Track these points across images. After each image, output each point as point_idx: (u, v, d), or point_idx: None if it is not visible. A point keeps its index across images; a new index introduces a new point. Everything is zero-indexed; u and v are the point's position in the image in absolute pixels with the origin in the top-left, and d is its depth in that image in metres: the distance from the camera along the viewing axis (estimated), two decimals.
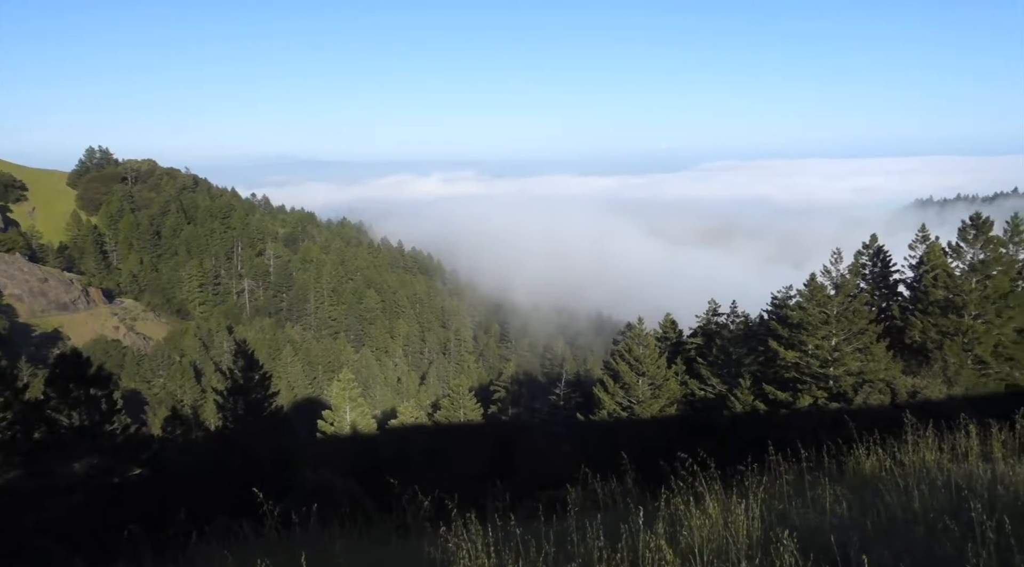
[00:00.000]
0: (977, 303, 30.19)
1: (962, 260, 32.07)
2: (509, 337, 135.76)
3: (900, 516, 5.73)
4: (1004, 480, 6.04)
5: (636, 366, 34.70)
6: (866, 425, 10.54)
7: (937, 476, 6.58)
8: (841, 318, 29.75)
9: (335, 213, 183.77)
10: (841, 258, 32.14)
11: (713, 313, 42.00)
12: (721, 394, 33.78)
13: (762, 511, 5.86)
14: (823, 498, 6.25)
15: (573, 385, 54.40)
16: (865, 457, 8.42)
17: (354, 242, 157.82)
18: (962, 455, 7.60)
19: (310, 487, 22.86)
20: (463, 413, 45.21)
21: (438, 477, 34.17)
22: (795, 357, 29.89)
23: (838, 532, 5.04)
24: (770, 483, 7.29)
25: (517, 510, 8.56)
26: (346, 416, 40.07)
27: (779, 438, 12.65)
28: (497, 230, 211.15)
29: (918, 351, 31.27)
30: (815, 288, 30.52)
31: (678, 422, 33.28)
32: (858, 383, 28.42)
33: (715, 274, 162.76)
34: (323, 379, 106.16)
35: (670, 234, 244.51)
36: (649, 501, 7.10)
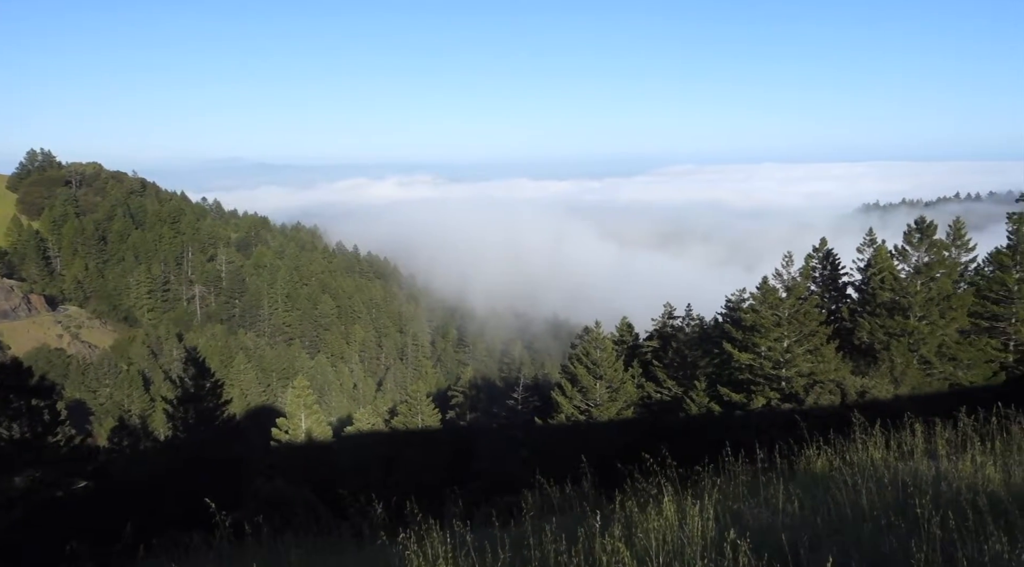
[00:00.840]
0: (922, 305, 31.09)
1: (907, 263, 33.01)
2: (467, 342, 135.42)
3: (849, 513, 5.85)
4: (948, 477, 6.23)
5: (593, 369, 34.88)
6: (817, 425, 10.78)
7: (884, 474, 6.74)
8: (793, 320, 30.37)
9: (289, 217, 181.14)
10: (792, 261, 32.79)
11: (668, 316, 42.52)
12: (677, 396, 34.20)
13: (717, 511, 5.93)
14: (776, 497, 6.35)
15: (531, 389, 54.46)
16: (816, 456, 8.59)
17: (309, 247, 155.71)
18: (908, 453, 7.81)
19: (264, 496, 22.42)
20: (421, 419, 44.90)
21: (396, 484, 33.90)
22: (748, 359, 30.41)
23: (790, 531, 5.13)
24: (725, 483, 7.39)
25: (475, 515, 8.52)
26: (301, 424, 39.44)
27: (734, 439, 12.84)
28: (454, 234, 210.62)
29: (866, 352, 32.05)
30: (767, 291, 31.09)
31: (635, 425, 33.54)
32: (809, 384, 29.03)
33: (668, 277, 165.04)
34: (277, 386, 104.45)
35: (624, 237, 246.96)
36: (606, 504, 7.13)
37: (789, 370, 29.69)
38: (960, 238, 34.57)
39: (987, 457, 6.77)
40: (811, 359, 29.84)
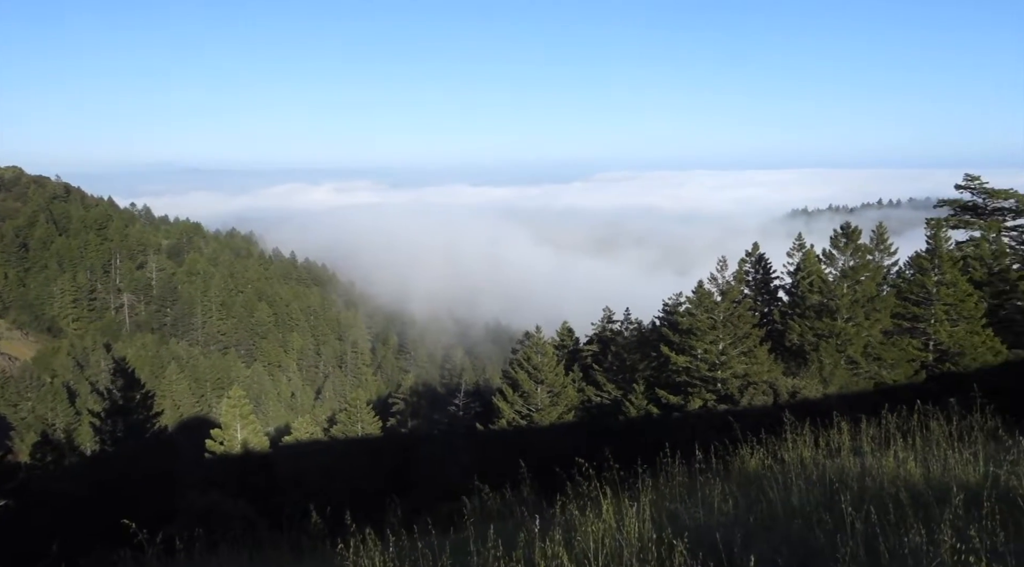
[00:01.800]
0: (848, 307, 32.28)
1: (834, 266, 34.26)
2: (407, 348, 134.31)
3: (780, 511, 6.04)
4: (872, 472, 6.48)
5: (534, 374, 35.08)
6: (751, 425, 11.08)
7: (813, 471, 6.99)
8: (727, 323, 31.17)
9: (223, 223, 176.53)
10: (726, 266, 33.64)
11: (608, 320, 43.08)
12: (617, 399, 34.64)
13: (654, 512, 6.04)
14: (711, 497, 6.51)
15: (473, 395, 54.42)
16: (750, 456, 8.83)
17: (244, 253, 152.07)
18: (835, 450, 8.10)
19: (197, 510, 21.76)
20: (361, 427, 44.33)
21: (335, 494, 33.34)
22: (685, 361, 31.07)
23: (724, 529, 5.27)
24: (663, 484, 7.53)
25: (416, 523, 8.47)
26: (237, 434, 38.43)
27: (672, 440, 13.09)
28: (393, 240, 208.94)
29: (797, 353, 33.08)
30: (703, 295, 31.85)
31: (576, 428, 33.85)
32: (743, 385, 29.82)
33: (604, 281, 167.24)
34: (212, 396, 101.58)
35: (561, 242, 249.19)
36: (546, 508, 7.18)
37: (724, 372, 30.44)
38: (883, 242, 36.02)
39: (908, 453, 7.07)
40: (745, 361, 30.67)
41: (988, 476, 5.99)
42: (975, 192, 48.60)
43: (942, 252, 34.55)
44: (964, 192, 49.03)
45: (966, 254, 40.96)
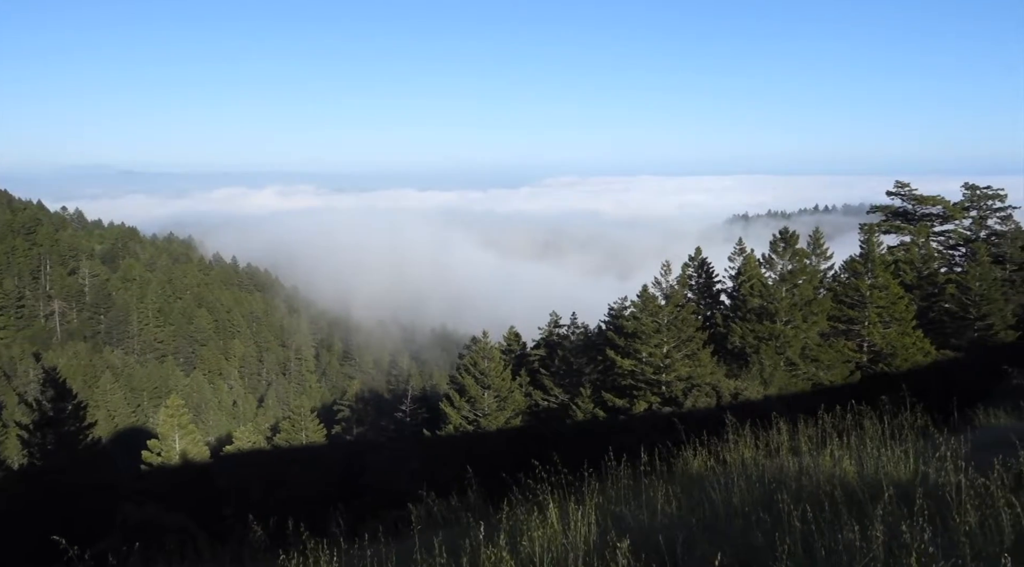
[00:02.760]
0: (787, 310, 33.18)
1: (773, 270, 35.21)
2: (353, 354, 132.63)
3: (722, 511, 6.15)
4: (809, 471, 6.67)
5: (481, 379, 35.04)
6: (695, 427, 11.27)
7: (753, 471, 7.14)
8: (671, 326, 31.69)
9: (160, 228, 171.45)
10: (670, 270, 34.22)
11: (555, 324, 43.29)
12: (564, 403, 34.84)
13: (599, 516, 6.10)
14: (655, 499, 6.59)
15: (419, 401, 54.07)
16: (693, 457, 8.98)
17: (182, 258, 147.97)
18: (775, 450, 8.30)
19: (133, 524, 21.05)
20: (305, 435, 43.55)
21: (279, 503, 32.67)
22: (631, 365, 31.47)
23: (667, 531, 5.34)
24: (608, 487, 7.60)
25: (362, 532, 8.35)
26: (175, 445, 37.36)
27: (618, 443, 13.23)
28: (338, 245, 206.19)
29: (738, 355, 33.85)
30: (647, 299, 32.32)
31: (524, 433, 33.91)
32: (687, 388, 30.35)
33: (548, 285, 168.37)
34: (149, 406, 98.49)
35: (506, 247, 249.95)
36: (493, 514, 7.17)
37: (669, 375, 30.94)
38: (819, 247, 37.19)
39: (844, 451, 7.28)
40: (689, 364, 31.23)
41: (918, 473, 6.23)
42: (905, 199, 50.59)
43: (875, 256, 35.84)
44: (895, 198, 51.00)
45: (897, 258, 42.61)
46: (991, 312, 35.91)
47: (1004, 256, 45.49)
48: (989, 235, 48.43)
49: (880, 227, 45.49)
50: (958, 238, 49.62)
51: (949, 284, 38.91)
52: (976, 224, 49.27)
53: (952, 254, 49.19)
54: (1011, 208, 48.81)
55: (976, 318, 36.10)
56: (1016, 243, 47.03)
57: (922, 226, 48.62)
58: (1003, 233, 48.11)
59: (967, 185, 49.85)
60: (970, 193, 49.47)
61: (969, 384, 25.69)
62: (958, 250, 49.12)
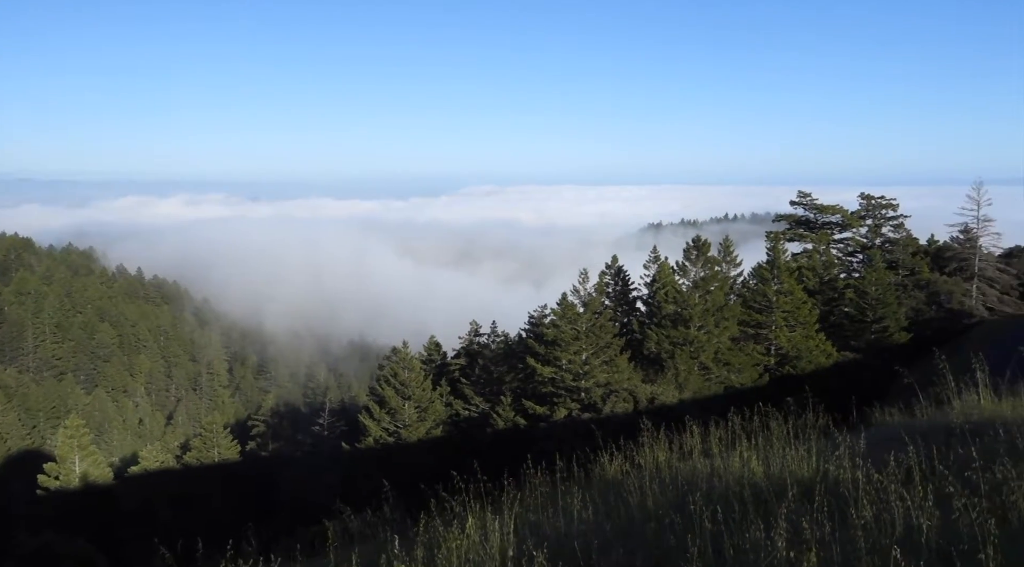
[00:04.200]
0: (700, 315, 34.24)
1: (687, 277, 36.32)
2: (267, 367, 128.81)
3: (637, 515, 6.28)
4: (719, 473, 6.89)
5: (402, 390, 34.69)
6: (612, 432, 11.46)
7: (667, 474, 7.32)
8: (590, 334, 32.23)
9: (58, 239, 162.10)
10: (588, 278, 34.81)
11: (475, 333, 43.30)
12: (485, 412, 34.86)
13: (517, 524, 6.11)
14: (572, 506, 6.66)
15: (338, 414, 53.06)
16: (610, 463, 9.12)
17: (83, 271, 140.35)
18: (688, 453, 8.53)
19: (26, 552, 19.78)
20: (217, 452, 42.01)
21: (189, 524, 31.35)
22: (551, 372, 31.80)
23: (583, 537, 5.41)
24: (526, 496, 7.63)
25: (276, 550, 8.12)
26: (75, 467, 35.38)
27: (538, 451, 13.31)
28: (251, 255, 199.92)
29: (654, 360, 34.69)
30: (566, 306, 32.78)
31: (445, 443, 33.74)
32: (606, 393, 30.90)
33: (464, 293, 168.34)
34: (46, 427, 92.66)
35: (423, 256, 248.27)
36: (411, 527, 7.09)
37: (588, 381, 31.42)
38: (729, 254, 38.56)
39: (752, 452, 7.54)
40: (607, 370, 31.82)
41: (819, 470, 6.52)
42: (807, 208, 53.07)
43: (780, 263, 37.49)
44: (798, 208, 53.43)
45: (801, 265, 44.63)
46: (886, 315, 38.05)
47: (897, 262, 48.29)
48: (883, 242, 51.34)
49: (785, 235, 47.53)
50: (855, 245, 52.43)
51: (848, 289, 41.04)
52: (872, 232, 52.18)
53: (850, 260, 51.91)
54: (903, 217, 51.91)
55: (873, 321, 38.17)
56: (908, 250, 50.03)
57: (823, 234, 51.15)
58: (896, 240, 51.10)
59: (863, 195, 52.73)
60: (866, 203, 52.34)
61: (867, 384, 27.17)
62: (856, 257, 51.88)
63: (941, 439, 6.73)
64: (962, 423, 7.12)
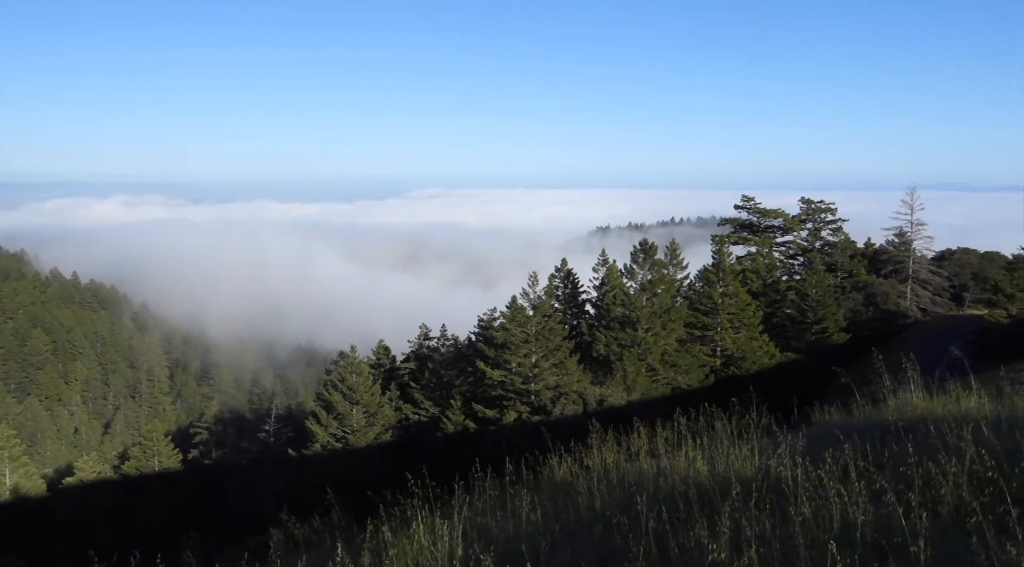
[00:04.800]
0: (647, 318, 34.74)
1: (634, 280, 36.82)
2: (211, 373, 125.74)
3: (585, 516, 6.33)
4: (666, 473, 6.99)
5: (350, 395, 34.28)
6: (562, 434, 11.53)
7: (615, 475, 7.40)
8: (539, 336, 32.37)
9: None
10: (537, 281, 34.99)
11: (424, 337, 43.05)
12: (435, 416, 34.69)
13: (466, 528, 6.10)
14: (521, 509, 6.68)
15: (284, 420, 52.17)
16: (558, 465, 9.18)
17: (14, 275, 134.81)
18: (635, 454, 8.63)
19: None
20: (158, 461, 40.82)
21: (126, 536, 30.39)
22: (500, 375, 31.83)
23: (531, 539, 5.43)
24: (476, 499, 7.62)
25: (218, 560, 7.94)
26: (5, 479, 33.97)
27: (488, 454, 13.30)
28: (193, 259, 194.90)
29: (603, 362, 35.04)
30: (516, 310, 32.86)
31: (394, 448, 33.46)
32: (556, 396, 31.07)
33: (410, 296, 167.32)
34: None
35: (368, 259, 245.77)
36: (358, 533, 7.01)
37: (537, 384, 31.55)
38: (675, 258, 39.23)
39: (697, 452, 7.68)
40: (557, 372, 32.00)
41: (762, 469, 6.68)
42: (750, 212, 54.35)
43: (725, 266, 38.29)
44: (741, 212, 54.68)
45: (745, 267, 45.69)
46: (826, 316, 39.22)
47: (836, 265, 49.85)
48: (823, 245, 52.93)
49: (729, 238, 48.56)
50: (797, 248, 53.92)
51: (790, 291, 42.18)
52: (812, 235, 53.74)
53: (792, 263, 53.37)
54: (841, 221, 53.62)
55: (813, 322, 39.29)
56: (846, 253, 51.70)
57: (766, 237, 52.46)
58: (835, 244, 52.76)
59: (803, 199, 54.27)
60: (806, 207, 53.87)
61: (808, 383, 27.91)
62: (797, 259, 53.36)
63: (877, 436, 6.95)
64: (896, 420, 7.37)
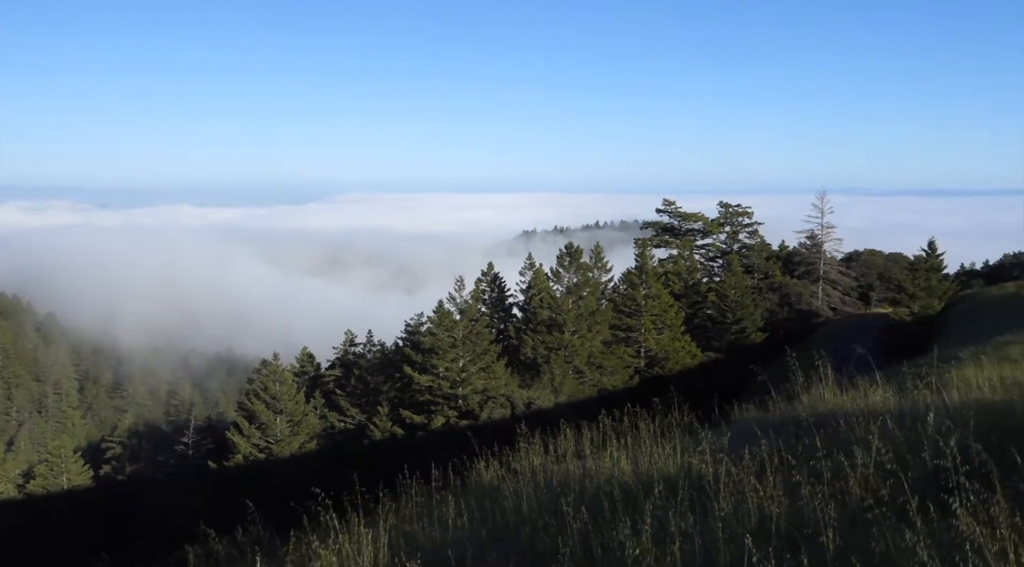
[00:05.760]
0: (573, 320, 35.17)
1: (561, 283, 37.23)
2: (124, 385, 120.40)
3: (512, 520, 6.35)
4: (591, 474, 7.09)
5: (273, 404, 33.45)
6: (490, 438, 11.55)
7: (542, 478, 7.46)
8: (467, 341, 32.33)
9: None
10: (464, 285, 34.93)
11: (350, 343, 42.39)
12: (361, 423, 34.20)
13: (391, 537, 6.04)
14: (447, 514, 6.66)
15: (204, 431, 50.43)
16: (486, 469, 9.18)
17: None
18: (562, 456, 8.72)
19: None
20: (66, 479, 38.83)
21: (31, 559, 28.81)
22: (428, 381, 31.64)
23: (458, 544, 5.41)
24: (402, 507, 7.55)
25: None
26: None
27: (414, 460, 13.19)
28: (102, 266, 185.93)
29: (531, 366, 35.28)
30: (443, 314, 32.74)
31: (320, 456, 32.80)
32: (483, 400, 31.09)
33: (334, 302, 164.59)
34: None
35: (289, 265, 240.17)
36: (281, 546, 6.84)
37: (465, 388, 31.49)
38: (600, 261, 39.88)
39: (622, 452, 7.82)
40: (484, 376, 32.02)
41: (684, 466, 6.85)
42: (671, 215, 55.79)
43: (648, 268, 39.16)
44: (663, 215, 56.06)
45: (667, 270, 46.87)
46: (744, 317, 40.58)
47: (753, 267, 51.66)
48: (740, 248, 54.80)
49: (651, 241, 49.68)
50: (716, 251, 55.65)
51: (710, 293, 43.47)
52: (730, 238, 55.56)
53: (711, 265, 55.03)
54: (757, 224, 55.65)
55: (732, 322, 40.60)
56: (762, 255, 53.65)
57: (686, 240, 53.94)
58: (752, 246, 54.70)
59: (722, 203, 56.06)
60: (724, 210, 55.66)
61: (728, 382, 28.82)
62: (716, 262, 55.06)
63: (792, 432, 7.24)
64: (809, 416, 7.68)
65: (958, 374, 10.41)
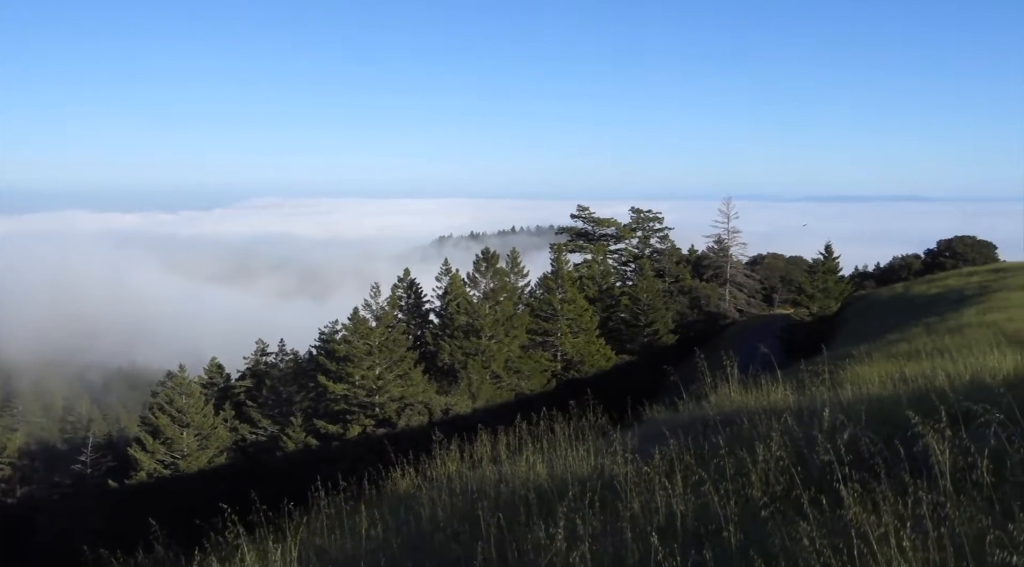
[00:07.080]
0: (491, 326, 35.28)
1: (478, 289, 37.32)
2: (13, 402, 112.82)
3: (427, 528, 6.31)
4: (507, 478, 7.11)
5: (179, 418, 32.09)
6: (407, 446, 11.43)
7: (457, 484, 7.44)
8: (383, 348, 31.93)
9: None
10: (379, 292, 34.53)
11: (262, 353, 41.15)
12: (274, 435, 33.24)
13: (301, 551, 5.89)
14: (360, 525, 6.55)
15: (103, 448, 47.79)
16: (401, 477, 9.09)
17: None
18: (478, 461, 8.72)
19: None
20: None
21: None
22: (343, 389, 31.06)
23: (371, 556, 5.34)
24: (313, 520, 7.38)
25: None
26: None
27: (329, 471, 12.91)
28: None
29: (448, 372, 35.18)
30: (358, 322, 32.25)
31: (229, 470, 31.68)
32: (401, 408, 30.76)
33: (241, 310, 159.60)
34: None
35: (193, 272, 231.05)
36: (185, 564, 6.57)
37: (382, 396, 31.09)
38: (517, 266, 40.20)
39: (537, 456, 7.88)
40: (401, 384, 31.70)
41: (597, 468, 6.97)
42: (585, 220, 56.79)
43: (563, 273, 39.71)
44: (577, 220, 57.01)
45: (582, 274, 47.66)
46: (656, 319, 41.70)
47: (664, 270, 53.18)
48: (652, 252, 56.33)
49: (567, 246, 50.44)
50: (628, 255, 57.01)
51: (623, 296, 44.48)
52: (642, 243, 57.02)
53: (625, 269, 56.33)
54: (667, 229, 57.35)
55: (645, 325, 41.66)
56: (672, 259, 55.31)
57: (600, 245, 55.02)
58: (662, 250, 56.32)
59: (634, 209, 57.50)
60: (636, 216, 57.09)
61: (642, 383, 29.53)
62: (629, 266, 56.40)
63: (699, 430, 7.46)
64: (716, 415, 7.94)
65: (852, 371, 11.01)
